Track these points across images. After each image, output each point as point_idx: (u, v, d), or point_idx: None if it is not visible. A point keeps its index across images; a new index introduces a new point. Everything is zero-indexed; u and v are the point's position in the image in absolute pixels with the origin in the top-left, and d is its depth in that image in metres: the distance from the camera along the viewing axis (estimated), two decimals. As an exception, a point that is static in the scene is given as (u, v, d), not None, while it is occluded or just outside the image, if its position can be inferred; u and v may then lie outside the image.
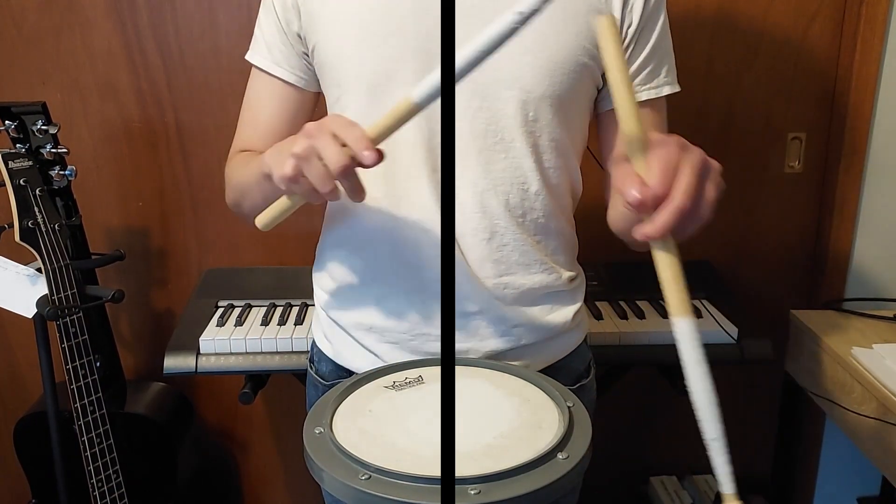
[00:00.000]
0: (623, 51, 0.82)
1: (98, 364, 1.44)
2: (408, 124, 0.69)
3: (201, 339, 1.49)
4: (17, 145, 1.40)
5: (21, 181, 1.33)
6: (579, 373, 1.05)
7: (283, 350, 1.49)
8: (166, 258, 1.86)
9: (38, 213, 1.35)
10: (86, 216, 1.54)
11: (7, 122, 1.41)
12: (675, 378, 1.62)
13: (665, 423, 2.01)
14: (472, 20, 0.89)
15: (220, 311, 1.61)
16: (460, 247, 0.92)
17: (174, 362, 1.47)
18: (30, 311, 1.39)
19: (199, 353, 1.48)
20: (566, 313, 1.00)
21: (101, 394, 1.42)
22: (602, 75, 0.94)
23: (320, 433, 0.71)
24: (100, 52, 1.72)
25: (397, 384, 0.81)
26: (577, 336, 1.05)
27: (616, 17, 0.91)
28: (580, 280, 1.04)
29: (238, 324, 1.55)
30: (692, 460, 2.00)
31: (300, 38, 0.96)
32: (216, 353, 1.48)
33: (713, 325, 1.55)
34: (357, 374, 0.82)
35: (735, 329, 1.53)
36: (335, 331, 1.03)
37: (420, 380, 0.82)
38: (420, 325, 0.95)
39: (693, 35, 1.74)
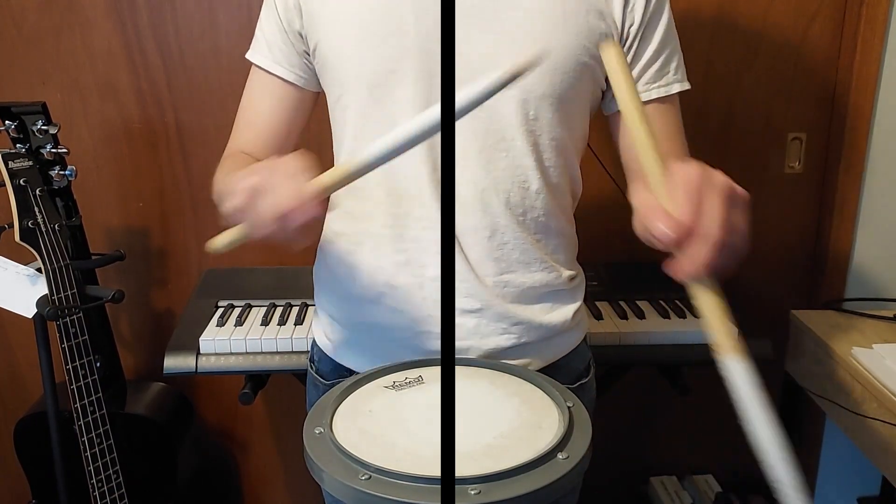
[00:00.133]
0: (633, 79, 0.80)
1: (98, 364, 1.44)
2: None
3: (201, 339, 1.49)
4: (17, 145, 1.40)
5: (21, 181, 1.33)
6: (579, 372, 1.06)
7: (283, 350, 1.49)
8: (166, 258, 1.86)
9: (38, 214, 1.35)
10: (86, 216, 1.54)
11: (7, 122, 1.40)
12: (675, 378, 1.62)
13: (665, 423, 2.00)
14: (473, 20, 0.89)
15: (220, 311, 1.61)
16: (461, 245, 0.92)
17: (174, 362, 1.47)
18: (30, 311, 1.39)
19: (199, 353, 1.48)
20: (566, 312, 1.00)
21: (101, 394, 1.42)
22: (605, 79, 0.94)
23: (320, 433, 0.71)
24: (100, 52, 1.72)
25: (397, 384, 0.81)
26: (576, 335, 1.05)
27: (618, 16, 0.91)
28: (580, 279, 1.04)
29: (238, 324, 1.55)
30: (692, 460, 2.00)
31: (301, 37, 0.96)
32: (216, 353, 1.48)
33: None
34: (357, 374, 0.82)
35: (735, 329, 1.53)
36: (335, 329, 1.03)
37: (420, 380, 0.82)
38: (420, 324, 0.95)
39: (693, 35, 1.73)
